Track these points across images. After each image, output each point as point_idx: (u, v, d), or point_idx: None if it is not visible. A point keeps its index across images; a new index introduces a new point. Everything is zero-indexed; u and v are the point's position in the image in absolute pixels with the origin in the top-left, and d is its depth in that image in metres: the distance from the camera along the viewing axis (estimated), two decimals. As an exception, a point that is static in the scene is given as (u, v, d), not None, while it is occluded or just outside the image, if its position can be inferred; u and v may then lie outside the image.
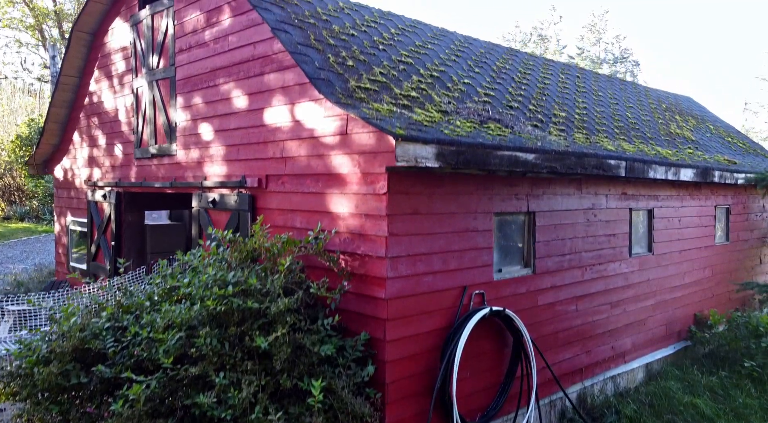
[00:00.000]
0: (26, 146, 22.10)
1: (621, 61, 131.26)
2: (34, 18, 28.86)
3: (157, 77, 7.34)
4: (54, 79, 12.33)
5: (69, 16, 31.63)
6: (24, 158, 22.15)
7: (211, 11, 6.33)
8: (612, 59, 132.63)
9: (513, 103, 6.95)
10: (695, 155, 9.09)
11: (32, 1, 29.02)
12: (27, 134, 22.31)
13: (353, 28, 6.26)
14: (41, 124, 22.95)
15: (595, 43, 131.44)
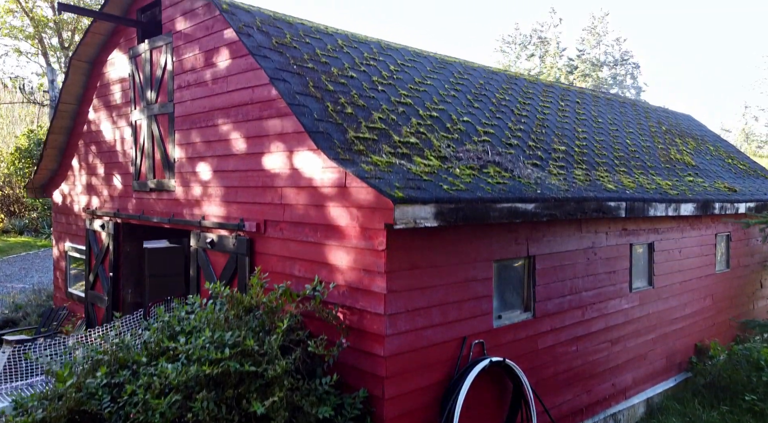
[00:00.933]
0: (25, 158, 22.10)
1: (621, 63, 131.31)
2: (33, 28, 28.87)
3: (155, 112, 7.31)
4: (53, 103, 12.30)
5: (69, 24, 31.67)
6: (23, 170, 22.17)
7: (209, 51, 6.31)
8: (612, 62, 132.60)
9: (512, 139, 6.92)
10: (695, 183, 9.06)
11: (32, 11, 29.04)
12: (26, 146, 22.30)
13: (352, 69, 6.23)
14: (40, 135, 22.96)
15: (595, 45, 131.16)
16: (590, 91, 11.75)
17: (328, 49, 6.36)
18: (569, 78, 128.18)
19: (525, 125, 7.65)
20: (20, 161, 21.98)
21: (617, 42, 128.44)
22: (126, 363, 4.68)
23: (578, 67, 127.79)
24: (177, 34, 6.87)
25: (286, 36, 6.01)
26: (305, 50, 6.00)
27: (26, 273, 15.06)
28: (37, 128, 23.28)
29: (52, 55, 30.47)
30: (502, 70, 9.67)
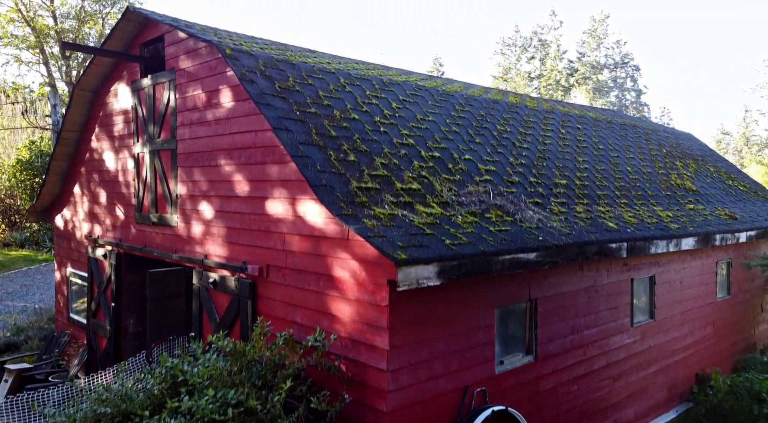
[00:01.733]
0: (27, 170, 22.12)
1: (621, 66, 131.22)
2: (35, 38, 28.91)
3: (158, 147, 7.34)
4: (55, 127, 12.32)
5: (69, 33, 31.75)
6: (24, 182, 22.19)
7: (212, 91, 6.33)
8: (612, 64, 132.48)
9: (514, 176, 6.94)
10: (696, 212, 9.09)
11: (33, 20, 29.10)
12: (27, 158, 22.33)
13: (354, 109, 6.25)
14: (41, 147, 22.99)
15: (595, 48, 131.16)
16: (591, 114, 11.78)
17: (330, 89, 6.38)
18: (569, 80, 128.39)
19: (526, 158, 7.67)
20: (21, 173, 22.01)
21: (617, 44, 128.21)
22: (128, 414, 4.70)
23: (578, 69, 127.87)
24: (180, 71, 6.90)
25: (289, 79, 6.04)
26: (308, 93, 6.02)
27: (27, 290, 15.07)
28: (38, 139, 23.31)
29: (54, 64, 30.55)
30: (501, 98, 9.68)
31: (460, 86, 10.65)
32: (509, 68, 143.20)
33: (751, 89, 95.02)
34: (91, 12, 31.50)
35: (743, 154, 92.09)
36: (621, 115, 14.72)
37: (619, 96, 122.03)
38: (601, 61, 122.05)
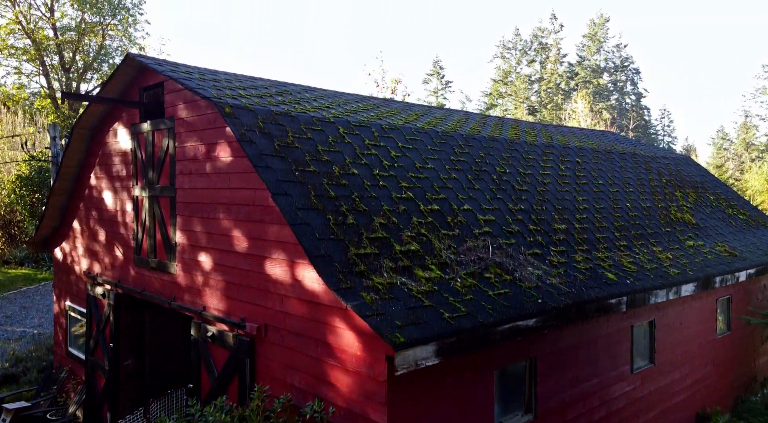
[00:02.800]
0: (26, 186, 22.14)
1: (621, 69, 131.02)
2: (35, 50, 28.89)
3: (157, 193, 7.33)
4: (55, 159, 12.35)
5: (70, 44, 31.74)
6: (24, 198, 22.20)
7: (212, 144, 6.32)
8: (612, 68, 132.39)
9: (513, 225, 6.93)
10: (696, 249, 9.08)
11: (34, 32, 29.07)
12: (27, 173, 22.34)
13: (354, 163, 6.25)
14: (42, 162, 23.01)
15: (595, 51, 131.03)
16: (590, 144, 11.77)
17: (329, 141, 6.37)
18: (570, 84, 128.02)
19: (525, 202, 7.66)
20: (21, 189, 22.03)
21: (617, 48, 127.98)
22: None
23: (579, 73, 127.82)
24: (179, 120, 6.89)
25: (288, 135, 6.03)
26: (307, 149, 6.01)
27: (26, 313, 15.06)
28: (39, 154, 23.33)
29: (54, 76, 30.57)
30: (500, 133, 9.67)
31: (460, 118, 10.66)
32: (509, 71, 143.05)
33: (751, 95, 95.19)
34: (92, 24, 31.50)
35: (743, 158, 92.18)
36: (620, 139, 14.72)
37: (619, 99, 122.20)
38: (601, 65, 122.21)
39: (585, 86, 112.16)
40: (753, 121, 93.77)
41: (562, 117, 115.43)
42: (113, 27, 32.91)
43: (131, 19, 33.38)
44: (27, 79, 31.09)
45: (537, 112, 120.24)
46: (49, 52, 29.86)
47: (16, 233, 24.01)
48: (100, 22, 31.62)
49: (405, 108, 10.01)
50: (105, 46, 32.21)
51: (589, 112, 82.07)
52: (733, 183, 53.97)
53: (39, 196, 22.12)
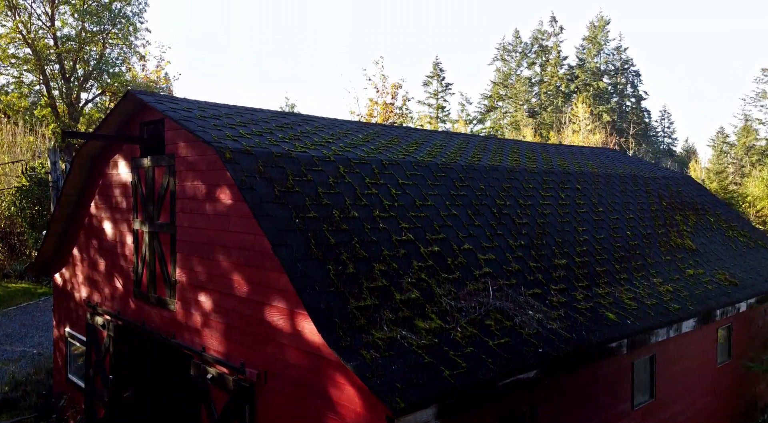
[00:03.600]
0: (26, 198, 22.13)
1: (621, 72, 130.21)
2: (35, 59, 28.89)
3: (157, 229, 7.32)
4: (55, 184, 12.36)
5: (71, 53, 31.77)
6: (25, 210, 22.19)
7: (212, 186, 6.32)
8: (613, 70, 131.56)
9: (513, 263, 6.93)
10: (696, 279, 9.07)
11: (34, 42, 29.08)
12: (28, 185, 22.33)
13: (354, 204, 6.24)
14: (42, 174, 23.01)
15: (596, 54, 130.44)
16: (591, 168, 11.76)
17: (329, 183, 6.37)
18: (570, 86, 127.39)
19: (526, 237, 7.66)
20: (21, 201, 22.03)
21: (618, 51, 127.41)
22: None
23: (579, 76, 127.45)
24: (180, 158, 6.89)
25: (288, 178, 6.02)
26: (307, 192, 6.00)
27: (26, 331, 15.04)
28: (38, 166, 23.33)
29: (54, 86, 30.59)
30: (500, 161, 9.66)
31: (460, 143, 10.66)
32: (509, 74, 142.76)
33: (751, 99, 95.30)
34: (92, 33, 31.53)
35: (743, 163, 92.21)
36: (620, 158, 14.70)
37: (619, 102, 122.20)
38: (601, 68, 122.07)
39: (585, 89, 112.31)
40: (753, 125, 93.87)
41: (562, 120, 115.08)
42: (114, 35, 32.96)
43: (131, 28, 33.41)
44: (27, 88, 31.08)
45: (537, 115, 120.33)
46: (50, 61, 29.86)
47: (15, 243, 24.01)
48: (100, 30, 31.64)
49: (405, 134, 10.01)
50: (105, 54, 32.23)
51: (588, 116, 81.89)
52: (734, 189, 54.02)
53: (39, 208, 22.14)
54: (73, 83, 31.92)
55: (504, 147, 11.66)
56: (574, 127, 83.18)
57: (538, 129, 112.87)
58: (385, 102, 65.05)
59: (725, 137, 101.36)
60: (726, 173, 54.69)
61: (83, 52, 31.33)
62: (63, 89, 30.96)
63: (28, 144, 27.72)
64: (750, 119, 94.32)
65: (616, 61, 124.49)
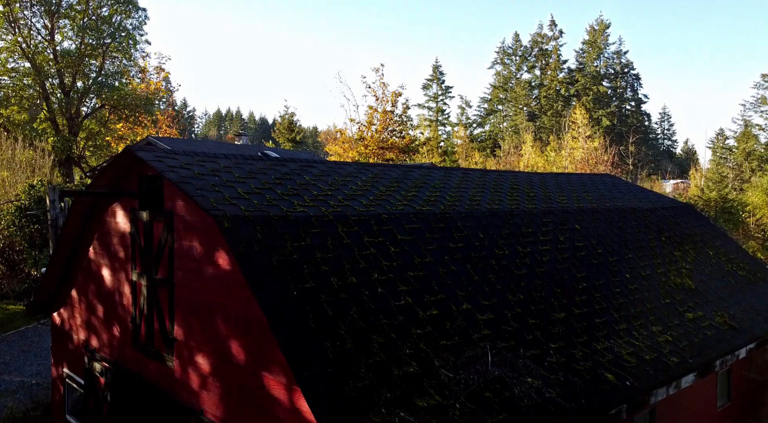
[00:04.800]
0: (26, 217, 22.11)
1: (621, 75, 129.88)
2: (35, 74, 28.90)
3: (155, 284, 7.31)
4: (54, 222, 12.37)
5: (70, 67, 31.83)
6: (24, 230, 22.17)
7: (210, 249, 6.30)
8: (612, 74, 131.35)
9: (512, 322, 6.92)
10: (696, 323, 9.06)
11: (34, 56, 29.12)
12: (28, 204, 22.32)
13: (352, 268, 6.23)
14: (42, 192, 23.00)
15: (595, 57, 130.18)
16: (590, 202, 11.75)
17: (328, 245, 6.35)
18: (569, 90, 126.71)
19: (524, 290, 7.64)
20: (20, 220, 22.01)
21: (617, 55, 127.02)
22: None
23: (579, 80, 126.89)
24: (178, 216, 6.87)
25: (287, 245, 6.01)
26: (306, 258, 5.99)
27: (25, 358, 15.01)
28: (38, 184, 23.32)
29: (54, 101, 30.63)
30: (499, 206, 9.64)
31: (459, 181, 10.65)
32: (509, 77, 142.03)
33: (751, 104, 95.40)
34: (92, 46, 31.56)
35: (743, 169, 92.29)
36: (620, 186, 14.69)
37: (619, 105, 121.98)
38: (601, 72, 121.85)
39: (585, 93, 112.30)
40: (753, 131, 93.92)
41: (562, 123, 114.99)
42: (114, 47, 32.99)
43: (131, 41, 33.44)
44: (27, 102, 31.10)
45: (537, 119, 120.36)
46: (50, 76, 29.88)
47: (15, 259, 23.97)
48: (100, 43, 31.67)
49: (403, 176, 10.00)
50: (105, 68, 32.26)
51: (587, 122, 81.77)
52: (734, 197, 53.96)
53: (38, 227, 22.11)
54: (73, 97, 31.94)
55: (503, 182, 11.65)
56: (573, 134, 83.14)
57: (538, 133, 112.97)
58: (384, 109, 65.15)
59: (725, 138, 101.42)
60: (726, 182, 54.65)
61: (83, 64, 31.35)
62: (63, 103, 30.97)
63: (27, 159, 27.73)
64: (750, 125, 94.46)
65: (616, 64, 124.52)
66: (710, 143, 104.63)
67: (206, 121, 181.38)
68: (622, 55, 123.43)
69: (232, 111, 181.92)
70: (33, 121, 32.37)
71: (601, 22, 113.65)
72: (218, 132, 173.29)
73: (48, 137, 29.73)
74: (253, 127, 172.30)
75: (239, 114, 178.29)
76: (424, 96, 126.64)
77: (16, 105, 30.13)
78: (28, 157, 28.58)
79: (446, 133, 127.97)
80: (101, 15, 31.37)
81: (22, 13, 29.41)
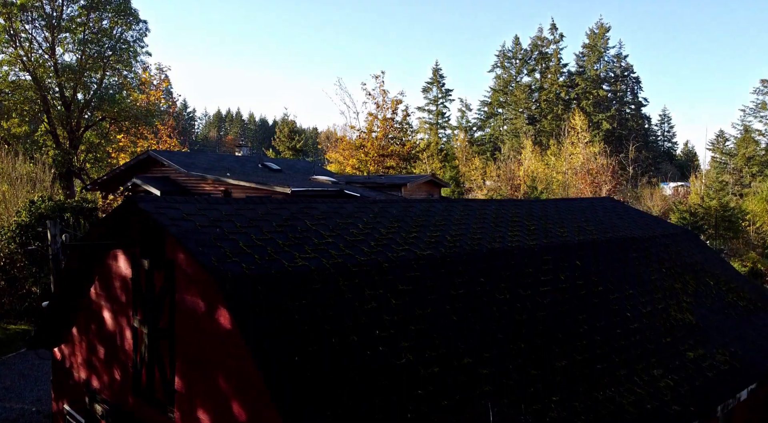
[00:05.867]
0: (26, 234, 22.11)
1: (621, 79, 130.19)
2: (36, 87, 28.96)
3: (157, 334, 7.31)
4: (54, 256, 12.37)
5: (71, 80, 31.86)
6: (25, 246, 22.15)
7: (211, 306, 6.31)
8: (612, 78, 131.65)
9: (513, 374, 6.91)
10: (696, 363, 9.06)
11: (35, 71, 29.15)
12: (28, 221, 22.33)
13: (354, 327, 6.23)
14: (42, 209, 23.00)
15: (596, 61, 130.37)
16: (590, 232, 11.75)
17: (329, 303, 6.36)
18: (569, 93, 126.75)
19: (526, 338, 7.64)
20: (20, 237, 22.01)
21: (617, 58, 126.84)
22: None
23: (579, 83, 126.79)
24: (179, 268, 6.88)
25: (288, 304, 6.01)
26: (307, 318, 5.99)
27: (25, 383, 15.00)
28: (38, 200, 23.33)
29: (54, 114, 30.65)
30: (500, 244, 9.64)
31: (460, 216, 10.65)
32: (509, 81, 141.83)
33: (751, 110, 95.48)
34: (93, 58, 31.60)
35: (743, 174, 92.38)
36: (619, 211, 14.68)
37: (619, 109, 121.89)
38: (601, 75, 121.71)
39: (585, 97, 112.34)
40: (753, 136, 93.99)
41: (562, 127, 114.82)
42: (114, 59, 33.03)
43: (132, 52, 33.49)
44: (27, 115, 31.14)
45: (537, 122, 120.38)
46: (51, 90, 29.92)
47: (16, 275, 23.96)
48: (101, 56, 31.70)
49: (405, 212, 9.99)
50: (106, 80, 32.29)
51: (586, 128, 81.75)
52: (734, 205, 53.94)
53: (39, 244, 22.09)
54: (74, 110, 31.98)
55: (504, 213, 11.65)
56: (573, 139, 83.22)
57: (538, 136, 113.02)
58: (385, 116, 65.19)
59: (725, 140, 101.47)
60: (726, 190, 54.64)
61: (84, 78, 31.39)
62: (63, 116, 31.00)
63: (27, 173, 27.74)
64: (750, 130, 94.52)
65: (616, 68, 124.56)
66: (710, 145, 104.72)
67: (206, 122, 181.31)
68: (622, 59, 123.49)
69: (232, 112, 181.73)
70: (34, 133, 32.40)
71: (601, 25, 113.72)
72: (218, 133, 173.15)
73: (48, 150, 29.76)
74: (253, 128, 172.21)
75: (239, 115, 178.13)
76: (424, 99, 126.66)
77: (17, 118, 30.17)
78: (28, 171, 28.58)
79: (446, 136, 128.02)
80: (102, 28, 31.43)
81: (23, 27, 29.46)
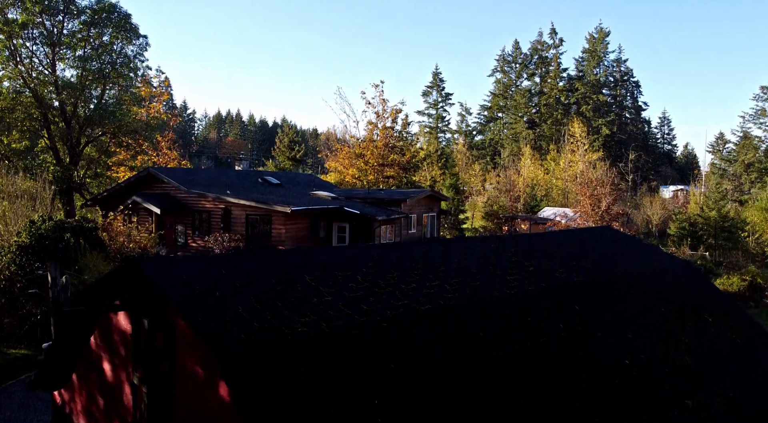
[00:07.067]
0: (27, 255, 22.13)
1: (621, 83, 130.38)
2: (37, 104, 29.03)
3: (158, 396, 7.34)
4: (55, 301, 12.40)
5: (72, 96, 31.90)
6: (25, 267, 22.18)
7: (211, 376, 6.34)
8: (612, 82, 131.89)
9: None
10: (695, 412, 9.08)
11: (36, 88, 29.18)
12: (28, 242, 22.35)
13: (353, 406, 6.26)
14: (42, 230, 23.03)
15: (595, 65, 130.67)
16: (589, 271, 11.78)
17: (329, 372, 6.38)
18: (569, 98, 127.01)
19: (525, 409, 7.67)
20: (20, 258, 22.03)
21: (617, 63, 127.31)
22: None
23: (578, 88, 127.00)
24: (179, 331, 6.91)
25: (288, 376, 6.03)
26: (305, 391, 6.02)
27: (25, 414, 14.99)
28: (38, 220, 23.36)
29: (55, 130, 30.70)
30: (497, 293, 9.67)
31: (460, 258, 10.68)
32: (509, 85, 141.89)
33: (750, 116, 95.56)
34: (93, 73, 31.64)
35: (743, 180, 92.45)
36: (619, 244, 14.72)
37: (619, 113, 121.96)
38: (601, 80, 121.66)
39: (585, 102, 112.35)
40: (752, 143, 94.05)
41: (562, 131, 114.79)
42: (115, 74, 33.07)
43: (132, 67, 33.54)
44: (28, 132, 31.19)
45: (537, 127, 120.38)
46: (51, 107, 29.95)
47: (17, 294, 23.97)
48: (101, 71, 31.73)
49: (403, 256, 10.02)
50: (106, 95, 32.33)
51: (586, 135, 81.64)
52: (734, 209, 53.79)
53: (39, 265, 22.12)
54: (74, 126, 32.01)
55: (503, 252, 11.68)
56: (572, 147, 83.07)
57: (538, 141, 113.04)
58: (384, 125, 65.20)
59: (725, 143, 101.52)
60: (726, 200, 54.68)
61: (84, 94, 31.43)
62: (64, 132, 31.04)
63: (28, 190, 27.77)
64: (749, 136, 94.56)
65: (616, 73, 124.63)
66: (710, 147, 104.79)
67: (206, 123, 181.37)
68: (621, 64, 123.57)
69: (232, 113, 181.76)
70: (33, 148, 32.45)
71: (601, 30, 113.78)
72: (218, 135, 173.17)
73: (48, 166, 29.80)
74: (252, 129, 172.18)
75: (239, 116, 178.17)
76: (424, 103, 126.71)
77: (18, 134, 30.22)
78: (28, 187, 28.62)
79: (446, 140, 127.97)
80: (103, 43, 31.47)
81: (24, 43, 29.52)
